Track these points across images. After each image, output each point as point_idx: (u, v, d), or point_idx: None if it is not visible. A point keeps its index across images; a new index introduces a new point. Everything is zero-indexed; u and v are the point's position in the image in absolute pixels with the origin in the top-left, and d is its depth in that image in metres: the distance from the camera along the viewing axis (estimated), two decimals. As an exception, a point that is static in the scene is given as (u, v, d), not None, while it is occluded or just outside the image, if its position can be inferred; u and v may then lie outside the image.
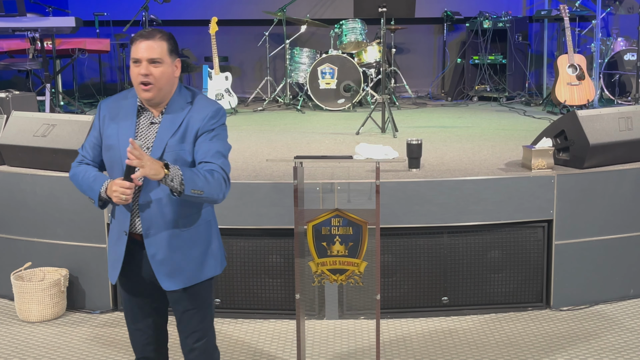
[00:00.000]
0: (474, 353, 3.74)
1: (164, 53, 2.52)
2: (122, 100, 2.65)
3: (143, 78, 2.50)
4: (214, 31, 7.63)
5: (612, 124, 4.41)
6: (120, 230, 2.63)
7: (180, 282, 2.63)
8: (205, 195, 2.50)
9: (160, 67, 2.52)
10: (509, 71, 8.39)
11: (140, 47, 2.50)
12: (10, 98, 5.54)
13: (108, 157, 2.62)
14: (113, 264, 2.69)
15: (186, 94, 2.64)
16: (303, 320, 3.27)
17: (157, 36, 2.52)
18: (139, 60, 2.50)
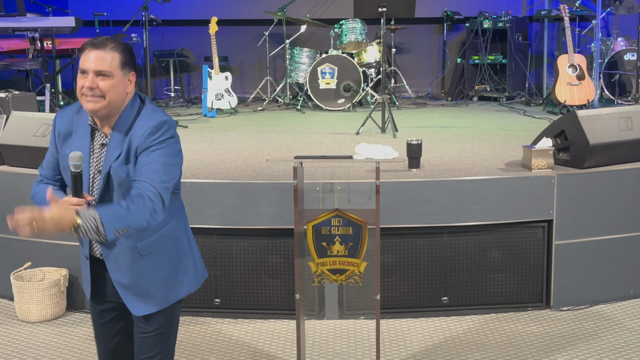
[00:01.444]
0: (474, 353, 3.74)
1: (114, 66, 2.30)
2: (76, 115, 2.43)
3: (87, 91, 2.28)
4: (214, 31, 7.63)
5: (612, 124, 4.41)
6: (82, 254, 2.49)
7: (152, 305, 2.46)
8: (133, 227, 2.22)
9: (108, 81, 2.29)
10: (509, 71, 8.39)
11: (89, 57, 2.28)
12: (10, 98, 5.54)
13: (66, 177, 2.41)
14: (85, 282, 2.56)
15: (136, 107, 2.40)
16: (303, 320, 3.27)
17: (108, 46, 2.29)
18: (86, 71, 2.29)
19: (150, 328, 2.50)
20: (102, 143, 2.38)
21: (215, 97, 7.55)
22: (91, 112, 2.33)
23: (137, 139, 2.31)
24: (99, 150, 2.39)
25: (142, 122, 2.35)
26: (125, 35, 9.00)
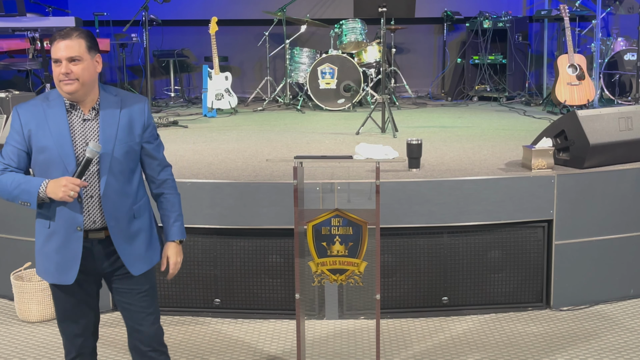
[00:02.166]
0: (474, 353, 3.74)
1: (82, 51, 2.56)
2: (43, 103, 2.64)
3: (64, 77, 2.55)
4: (214, 31, 7.63)
5: (612, 124, 4.41)
6: (70, 228, 2.61)
7: (145, 265, 2.76)
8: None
9: (80, 65, 2.56)
10: (509, 71, 8.39)
11: (59, 47, 2.55)
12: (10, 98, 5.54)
13: (43, 158, 2.60)
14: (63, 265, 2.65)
15: (109, 89, 2.72)
16: (303, 320, 3.27)
17: (74, 35, 2.56)
18: (59, 60, 2.55)
19: (146, 286, 2.80)
20: (83, 119, 2.63)
21: (215, 97, 7.55)
22: (69, 95, 2.58)
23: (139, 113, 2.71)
24: (80, 125, 2.63)
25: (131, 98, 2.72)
26: (126, 35, 9.02)
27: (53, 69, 2.58)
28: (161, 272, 2.87)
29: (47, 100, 2.64)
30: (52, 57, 2.56)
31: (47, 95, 2.66)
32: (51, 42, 2.58)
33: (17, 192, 2.58)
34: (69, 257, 2.64)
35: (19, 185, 2.57)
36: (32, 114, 2.62)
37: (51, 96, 2.65)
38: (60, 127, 2.59)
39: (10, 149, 2.62)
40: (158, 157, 2.83)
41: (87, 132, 2.62)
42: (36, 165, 2.63)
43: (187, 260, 4.24)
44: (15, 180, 2.58)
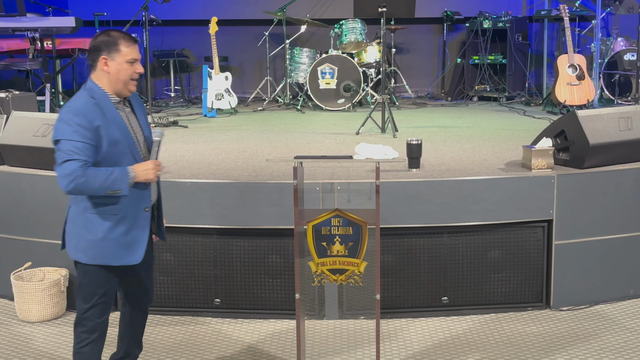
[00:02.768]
0: (474, 353, 3.75)
1: None
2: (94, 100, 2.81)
3: (137, 75, 2.87)
4: (214, 31, 7.63)
5: (612, 124, 4.41)
6: (139, 210, 2.91)
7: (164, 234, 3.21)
8: None
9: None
10: (509, 71, 8.39)
11: (136, 48, 2.86)
12: (10, 98, 5.54)
13: (115, 150, 2.81)
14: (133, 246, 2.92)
15: None
16: (303, 320, 3.27)
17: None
18: (136, 59, 2.85)
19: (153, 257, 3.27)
20: (126, 113, 2.93)
21: (215, 97, 7.55)
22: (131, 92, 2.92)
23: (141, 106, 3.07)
24: (126, 118, 2.91)
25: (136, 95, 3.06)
26: (125, 35, 9.00)
27: (126, 68, 2.83)
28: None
29: (94, 99, 2.82)
30: (129, 56, 2.82)
31: (90, 94, 2.82)
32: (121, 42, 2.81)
33: (107, 183, 2.73)
34: (139, 236, 2.93)
35: (108, 177, 2.73)
36: (92, 111, 2.78)
37: (95, 95, 2.83)
38: (120, 121, 2.85)
39: (81, 145, 2.73)
40: None
41: (132, 122, 2.93)
42: (108, 156, 2.80)
43: (187, 260, 4.25)
44: (101, 173, 2.74)
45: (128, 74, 2.84)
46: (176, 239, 4.24)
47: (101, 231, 2.85)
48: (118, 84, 2.85)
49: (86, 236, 2.86)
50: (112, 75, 2.83)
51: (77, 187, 2.70)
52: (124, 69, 2.83)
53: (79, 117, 2.73)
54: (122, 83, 2.85)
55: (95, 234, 2.85)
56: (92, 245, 2.86)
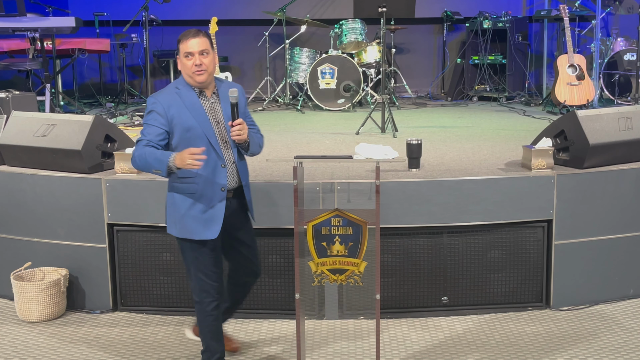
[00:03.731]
0: (474, 353, 3.75)
1: (208, 46, 3.19)
2: (175, 91, 3.21)
3: (197, 68, 3.15)
4: (214, 31, 7.62)
5: (612, 124, 4.41)
6: (216, 190, 3.20)
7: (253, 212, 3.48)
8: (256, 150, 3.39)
9: (208, 57, 3.17)
10: (509, 71, 8.39)
11: (192, 43, 3.15)
12: (10, 98, 5.53)
13: (189, 135, 3.16)
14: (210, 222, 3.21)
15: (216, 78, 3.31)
16: (303, 320, 3.27)
17: (200, 34, 3.18)
18: (192, 53, 3.14)
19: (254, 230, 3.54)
20: (210, 102, 3.25)
21: (215, 97, 7.54)
22: (200, 83, 3.20)
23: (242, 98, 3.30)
24: (210, 107, 3.24)
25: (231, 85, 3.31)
26: (125, 36, 9.02)
27: (184, 62, 3.17)
28: None
29: (178, 89, 3.21)
30: (184, 51, 3.15)
31: (175, 85, 3.24)
32: (180, 40, 3.16)
33: (151, 160, 3.08)
34: (215, 214, 3.20)
35: (153, 156, 3.07)
36: (170, 101, 3.17)
37: (180, 86, 3.23)
38: (199, 109, 3.19)
39: (152, 129, 3.15)
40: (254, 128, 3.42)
41: (215, 111, 3.24)
42: (182, 141, 3.16)
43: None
44: (151, 152, 3.09)
45: (188, 66, 3.15)
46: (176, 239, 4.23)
47: (183, 208, 3.22)
48: (187, 77, 3.20)
49: (173, 213, 3.26)
50: (182, 70, 3.22)
51: (134, 161, 3.14)
52: (184, 63, 3.18)
53: (156, 104, 3.16)
54: (188, 76, 3.18)
55: (178, 211, 3.24)
56: (177, 221, 3.25)
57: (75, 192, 4.30)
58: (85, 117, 4.51)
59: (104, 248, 4.28)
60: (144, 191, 4.21)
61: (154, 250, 4.27)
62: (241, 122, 3.16)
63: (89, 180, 4.28)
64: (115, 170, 4.35)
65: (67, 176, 4.35)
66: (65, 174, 4.37)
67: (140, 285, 4.32)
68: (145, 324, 4.19)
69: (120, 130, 4.74)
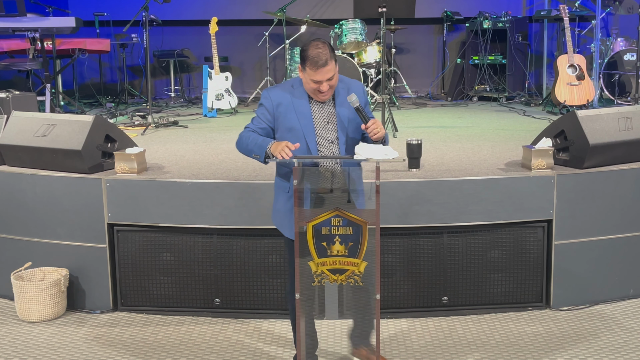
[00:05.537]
0: (474, 353, 3.75)
1: (335, 68, 3.17)
2: (290, 90, 3.28)
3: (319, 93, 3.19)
4: (214, 31, 7.63)
5: (611, 124, 4.41)
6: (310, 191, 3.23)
7: None
8: None
9: (333, 80, 3.18)
10: (509, 71, 8.39)
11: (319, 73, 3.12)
12: (11, 98, 5.54)
13: (290, 136, 3.22)
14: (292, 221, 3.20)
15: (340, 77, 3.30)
16: (303, 320, 3.27)
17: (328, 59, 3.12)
18: (320, 81, 3.15)
19: None
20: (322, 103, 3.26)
21: (215, 97, 7.55)
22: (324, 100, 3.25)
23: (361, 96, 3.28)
24: (319, 109, 3.26)
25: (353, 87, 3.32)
26: (126, 36, 9.02)
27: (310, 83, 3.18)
28: None
29: (292, 88, 3.28)
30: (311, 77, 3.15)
31: (292, 83, 3.30)
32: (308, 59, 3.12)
33: (252, 145, 3.20)
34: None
35: (255, 142, 3.19)
36: (281, 98, 3.26)
37: (295, 85, 3.29)
38: (305, 113, 3.23)
39: (258, 121, 3.29)
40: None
41: (325, 114, 3.26)
42: (283, 139, 3.20)
43: (187, 260, 4.25)
44: (254, 138, 3.22)
45: (311, 88, 3.20)
46: (176, 239, 4.24)
47: (278, 203, 3.36)
48: (307, 87, 3.24)
49: (274, 205, 3.41)
50: (303, 80, 3.24)
51: (238, 142, 3.28)
52: (308, 83, 3.20)
53: (267, 99, 3.29)
54: (309, 91, 3.24)
55: (275, 204, 3.40)
56: (275, 213, 3.41)
57: (76, 192, 4.30)
58: (86, 117, 4.51)
59: (104, 248, 4.28)
60: (144, 191, 4.21)
61: (154, 250, 4.27)
62: (374, 122, 3.16)
63: (89, 180, 4.29)
64: (115, 170, 4.35)
65: (67, 176, 4.35)
66: (65, 174, 4.37)
67: (140, 285, 4.32)
68: (145, 324, 4.19)
69: (121, 131, 4.74)
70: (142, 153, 4.44)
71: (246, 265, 4.22)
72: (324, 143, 3.26)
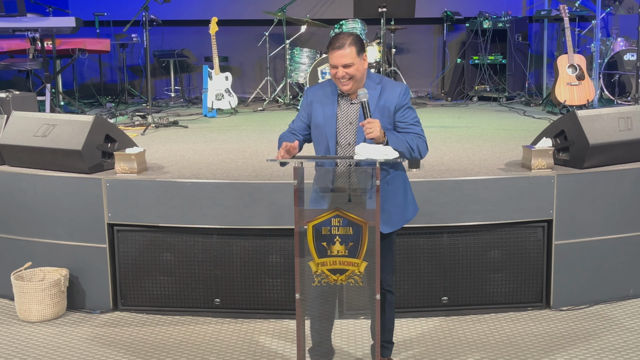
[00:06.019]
0: (474, 353, 3.75)
1: (353, 57, 3.11)
2: (325, 88, 3.28)
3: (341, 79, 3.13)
4: (214, 31, 7.63)
5: (611, 124, 4.41)
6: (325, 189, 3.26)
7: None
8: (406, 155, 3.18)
9: (352, 68, 3.11)
10: (509, 71, 8.39)
11: (335, 55, 3.11)
12: (11, 98, 5.54)
13: (316, 133, 3.26)
14: None
15: (374, 77, 3.26)
16: (303, 320, 3.27)
17: (346, 44, 3.11)
18: (336, 65, 3.12)
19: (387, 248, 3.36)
20: (350, 103, 3.23)
21: (215, 97, 7.55)
22: (346, 91, 3.19)
23: (394, 98, 3.20)
24: (346, 108, 3.23)
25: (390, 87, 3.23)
26: (126, 36, 9.02)
27: (330, 70, 3.18)
28: None
29: (327, 86, 3.28)
30: (330, 62, 3.15)
31: (329, 82, 3.29)
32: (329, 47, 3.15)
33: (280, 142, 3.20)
34: None
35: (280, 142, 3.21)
36: (315, 95, 3.28)
37: (330, 83, 3.27)
38: (331, 111, 3.21)
39: (296, 119, 3.34)
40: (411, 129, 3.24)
41: (350, 113, 3.22)
42: (313, 137, 3.29)
43: (187, 260, 4.25)
44: (284, 137, 3.27)
45: (333, 76, 3.17)
46: (176, 239, 4.24)
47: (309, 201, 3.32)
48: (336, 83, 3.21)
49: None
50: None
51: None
52: (331, 70, 3.18)
53: (305, 96, 3.33)
54: (335, 81, 3.20)
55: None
56: None
57: (75, 192, 4.30)
58: (86, 117, 4.51)
59: (104, 248, 4.29)
60: (144, 191, 4.21)
61: (154, 250, 4.28)
62: (370, 121, 3.06)
63: (89, 180, 4.29)
64: (115, 170, 4.35)
65: (67, 176, 4.35)
66: (65, 174, 4.37)
67: (140, 285, 4.32)
68: (145, 324, 4.19)
69: (121, 130, 4.74)
70: (142, 153, 4.44)
71: (246, 265, 4.22)
72: (342, 143, 3.23)
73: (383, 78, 3.29)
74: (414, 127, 3.22)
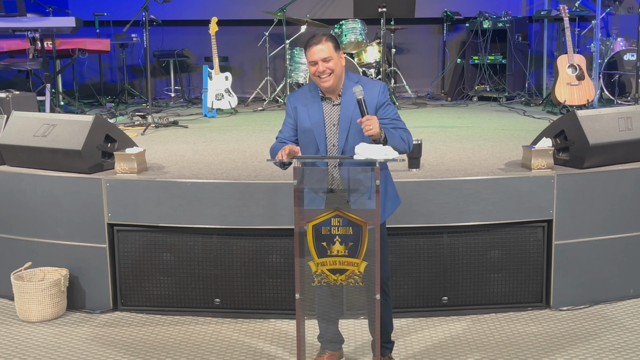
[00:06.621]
0: (474, 353, 3.75)
1: (331, 51, 3.18)
2: (306, 93, 3.33)
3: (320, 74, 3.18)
4: (214, 31, 7.63)
5: (611, 124, 4.41)
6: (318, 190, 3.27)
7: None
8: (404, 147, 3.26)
9: (331, 62, 3.17)
10: (509, 71, 8.39)
11: (314, 51, 3.18)
12: (11, 98, 5.54)
13: (303, 138, 3.30)
14: None
15: (352, 77, 3.30)
16: (303, 320, 3.27)
17: (322, 40, 3.19)
18: (315, 62, 3.18)
19: None
20: (332, 105, 3.27)
21: (215, 97, 7.55)
22: (326, 88, 3.23)
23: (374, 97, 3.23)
24: (330, 110, 3.27)
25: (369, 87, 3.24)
26: (126, 36, 9.02)
27: (310, 68, 3.23)
28: None
29: (309, 91, 3.33)
30: (309, 60, 3.21)
31: (309, 87, 3.35)
32: (305, 48, 3.23)
33: (272, 155, 3.29)
34: None
35: (274, 150, 3.27)
36: (298, 101, 3.32)
37: (311, 87, 3.33)
38: (317, 115, 3.26)
39: (283, 127, 3.38)
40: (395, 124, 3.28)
41: (334, 115, 3.27)
42: (300, 142, 3.32)
43: (187, 260, 4.25)
44: (276, 146, 3.29)
45: (312, 72, 3.22)
46: (176, 239, 4.24)
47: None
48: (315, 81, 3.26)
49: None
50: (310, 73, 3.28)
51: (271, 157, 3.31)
52: (310, 71, 3.24)
53: (288, 103, 3.38)
54: (315, 81, 3.25)
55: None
56: None
57: (75, 192, 4.30)
58: (86, 117, 4.51)
59: (104, 248, 4.29)
60: (144, 191, 4.21)
61: (154, 250, 4.28)
62: (368, 118, 3.08)
63: (89, 180, 4.29)
64: (115, 170, 4.35)
65: (67, 176, 4.35)
66: (65, 174, 4.38)
67: (140, 285, 4.32)
68: (145, 324, 4.19)
69: (121, 130, 4.74)
70: (142, 153, 4.44)
71: (246, 265, 4.22)
72: (330, 145, 3.27)
73: (360, 77, 3.36)
74: (397, 122, 3.28)
